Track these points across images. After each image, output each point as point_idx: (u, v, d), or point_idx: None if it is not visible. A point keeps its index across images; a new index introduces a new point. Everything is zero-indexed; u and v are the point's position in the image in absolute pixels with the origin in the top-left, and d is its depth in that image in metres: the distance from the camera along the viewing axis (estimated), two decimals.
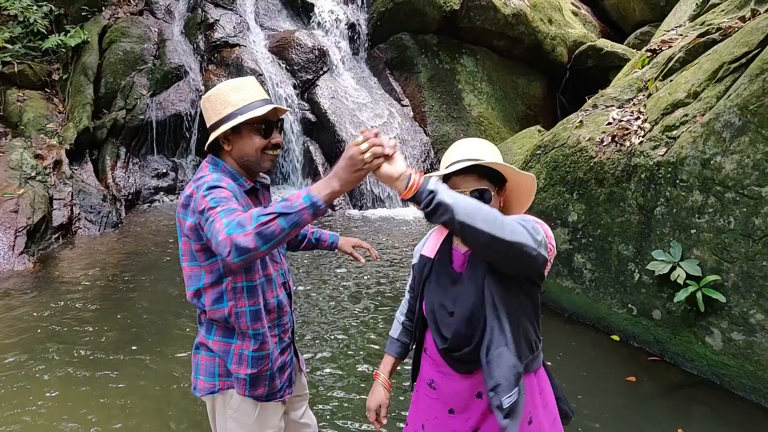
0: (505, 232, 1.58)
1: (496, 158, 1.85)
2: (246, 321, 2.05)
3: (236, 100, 2.03)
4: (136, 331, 4.76)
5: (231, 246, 1.66)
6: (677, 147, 4.11)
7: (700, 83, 4.27)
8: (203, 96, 2.13)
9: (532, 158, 5.38)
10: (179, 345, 4.47)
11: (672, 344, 4.14)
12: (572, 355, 4.36)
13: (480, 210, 1.57)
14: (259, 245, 1.65)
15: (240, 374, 2.08)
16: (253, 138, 2.05)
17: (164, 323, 4.91)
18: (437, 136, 9.75)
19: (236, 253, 1.65)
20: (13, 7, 8.67)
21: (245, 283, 2.04)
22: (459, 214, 1.54)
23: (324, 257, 6.45)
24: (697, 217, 3.95)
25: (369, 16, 10.60)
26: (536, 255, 1.66)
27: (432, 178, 1.61)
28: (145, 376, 4.08)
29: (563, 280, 4.91)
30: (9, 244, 6.22)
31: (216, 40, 9.68)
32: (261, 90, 2.13)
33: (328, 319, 4.98)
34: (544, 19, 10.74)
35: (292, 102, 9.35)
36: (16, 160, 7.08)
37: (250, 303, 2.05)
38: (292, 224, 1.66)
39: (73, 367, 4.17)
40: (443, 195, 1.55)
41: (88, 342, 4.57)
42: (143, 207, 8.50)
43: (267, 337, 2.10)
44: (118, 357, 4.33)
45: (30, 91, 8.60)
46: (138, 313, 5.12)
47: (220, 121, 2.04)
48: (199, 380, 2.15)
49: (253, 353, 2.08)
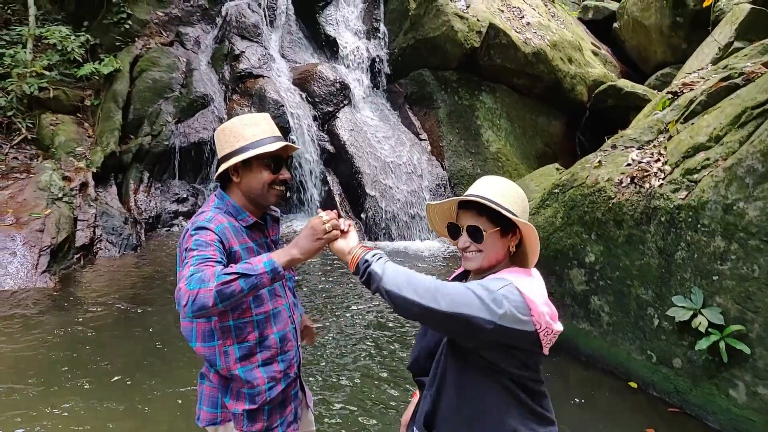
0: (441, 303, 1.54)
1: (506, 199, 1.77)
2: (235, 359, 2.05)
3: (249, 135, 2.09)
4: (147, 357, 4.79)
5: (188, 299, 1.72)
6: (698, 191, 4.10)
7: (722, 127, 4.27)
8: (218, 128, 2.18)
9: (550, 196, 5.39)
10: (187, 373, 4.47)
11: (693, 395, 4.03)
12: (589, 402, 4.27)
13: (411, 280, 1.58)
14: (216, 302, 1.72)
15: (237, 410, 2.08)
16: (262, 173, 2.10)
17: (174, 350, 4.93)
18: (454, 171, 9.81)
19: (192, 306, 1.72)
20: (53, 36, 9.01)
21: (232, 323, 2.05)
22: (387, 283, 1.58)
23: (339, 289, 6.45)
24: (719, 264, 3.90)
25: (390, 51, 10.80)
26: (491, 329, 1.54)
27: (373, 251, 1.69)
28: (151, 401, 4.09)
29: (579, 322, 4.85)
30: (33, 262, 6.33)
31: (241, 70, 9.91)
32: (274, 126, 2.18)
33: (341, 353, 4.96)
34: (564, 59, 10.85)
35: (312, 133, 9.50)
36: (45, 181, 7.26)
37: (239, 341, 2.06)
38: (251, 286, 1.76)
39: (82, 389, 4.21)
40: (375, 265, 1.63)
41: (99, 364, 4.61)
42: (162, 231, 8.62)
43: (259, 373, 2.09)
44: (127, 381, 4.36)
45: (63, 116, 8.87)
46: (150, 337, 5.16)
47: (232, 152, 2.08)
48: (202, 410, 2.16)
49: (248, 390, 2.08)
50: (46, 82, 8.71)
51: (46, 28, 9.16)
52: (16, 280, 6.14)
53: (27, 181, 7.31)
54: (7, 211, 6.74)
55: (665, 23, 10.75)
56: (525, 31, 10.74)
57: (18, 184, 7.25)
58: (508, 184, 1.85)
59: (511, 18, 10.91)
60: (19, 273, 6.20)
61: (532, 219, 5.44)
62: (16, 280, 6.14)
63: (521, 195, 1.83)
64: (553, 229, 5.15)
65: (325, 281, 6.80)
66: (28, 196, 7.01)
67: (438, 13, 10.08)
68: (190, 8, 10.70)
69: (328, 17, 10.90)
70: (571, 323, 4.88)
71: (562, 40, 11.04)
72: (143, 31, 10.12)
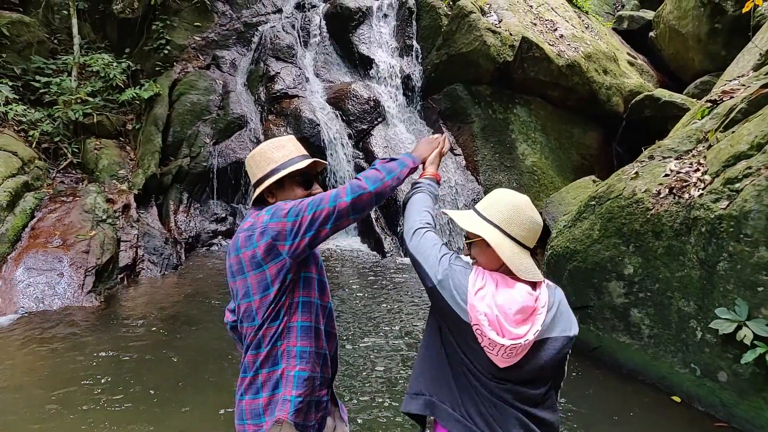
0: (410, 242, 2.01)
1: (489, 209, 1.93)
2: (296, 336, 2.11)
3: (278, 157, 2.19)
4: (185, 375, 4.86)
5: (362, 181, 2.06)
6: (740, 200, 3.98)
7: (764, 135, 4.16)
8: (247, 156, 2.28)
9: (587, 209, 5.31)
10: (226, 392, 4.51)
11: (740, 409, 3.90)
12: (630, 417, 4.15)
13: (410, 213, 2.11)
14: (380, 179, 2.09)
15: (286, 396, 2.10)
16: (295, 190, 2.19)
17: (212, 369, 4.99)
18: (489, 185, 9.74)
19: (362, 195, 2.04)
20: (97, 64, 9.43)
21: (301, 299, 2.12)
22: (406, 204, 2.18)
23: (373, 302, 6.47)
24: (764, 275, 3.77)
25: (423, 68, 10.87)
26: (429, 287, 1.89)
27: (426, 182, 2.23)
28: (190, 421, 4.13)
29: (620, 335, 4.74)
30: (79, 282, 6.55)
31: (276, 91, 10.13)
32: (300, 146, 2.28)
33: (372, 367, 4.96)
34: (599, 70, 10.71)
35: (347, 151, 9.60)
36: (90, 203, 7.54)
37: (303, 319, 2.12)
38: (402, 166, 2.18)
39: (119, 404, 4.31)
40: (415, 189, 2.22)
41: (140, 383, 4.70)
42: (201, 250, 8.81)
43: (313, 357, 2.14)
44: (166, 399, 4.43)
45: (106, 140, 9.23)
46: (190, 357, 5.23)
47: (264, 176, 2.18)
48: (246, 425, 2.16)
49: (299, 372, 2.10)
50: (90, 108, 9.09)
51: (90, 56, 9.60)
52: (64, 300, 6.37)
53: (73, 204, 7.60)
54: (54, 234, 7.02)
55: (703, 30, 10.51)
56: (558, 43, 10.66)
57: (64, 207, 7.54)
58: (501, 194, 1.96)
59: (544, 31, 10.86)
60: (66, 293, 6.44)
61: (569, 231, 5.37)
62: (63, 300, 6.37)
63: (513, 204, 1.89)
64: (591, 242, 5.06)
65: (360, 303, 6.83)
66: (74, 219, 7.29)
67: (470, 29, 10.11)
68: (226, 32, 11.04)
69: (361, 36, 11.06)
70: (611, 336, 4.77)
71: (596, 51, 10.92)
72: (181, 56, 10.48)
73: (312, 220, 2.01)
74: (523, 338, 1.75)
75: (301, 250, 2.05)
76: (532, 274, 1.84)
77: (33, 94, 9.10)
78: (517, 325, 1.76)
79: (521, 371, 1.81)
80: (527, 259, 1.86)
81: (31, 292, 6.32)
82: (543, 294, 1.84)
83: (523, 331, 1.76)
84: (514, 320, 1.76)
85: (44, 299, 6.31)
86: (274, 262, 2.07)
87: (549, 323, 1.82)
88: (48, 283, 6.46)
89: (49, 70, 9.42)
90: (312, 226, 2.01)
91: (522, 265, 1.83)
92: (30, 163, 8.00)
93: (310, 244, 2.05)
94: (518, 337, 1.75)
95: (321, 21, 11.27)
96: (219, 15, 11.17)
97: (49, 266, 6.61)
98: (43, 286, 6.42)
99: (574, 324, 1.91)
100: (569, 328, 1.88)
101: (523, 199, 1.91)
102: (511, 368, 1.80)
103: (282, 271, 2.07)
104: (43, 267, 6.59)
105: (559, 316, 1.86)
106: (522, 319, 1.77)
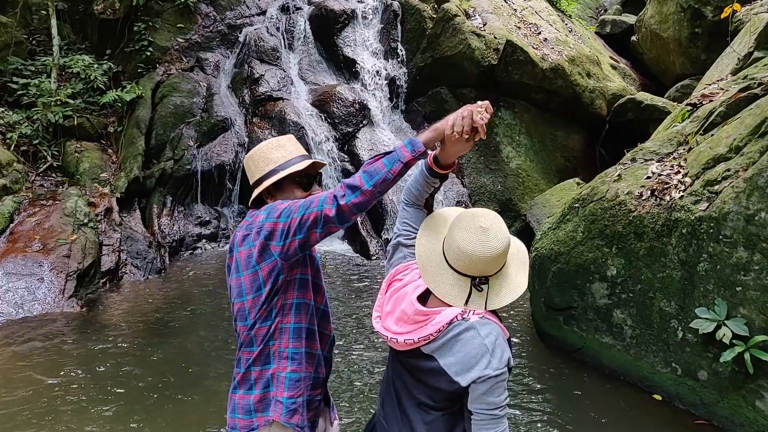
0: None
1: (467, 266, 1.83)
2: (288, 337, 2.11)
3: (277, 157, 2.16)
4: (170, 378, 4.83)
5: (343, 189, 1.92)
6: (720, 202, 4.04)
7: (742, 138, 4.22)
8: (246, 155, 2.26)
9: (570, 211, 5.35)
10: (212, 393, 4.50)
11: (720, 407, 3.96)
12: (612, 416, 4.19)
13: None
14: (366, 183, 1.91)
15: (278, 397, 2.11)
16: (294, 191, 2.17)
17: (197, 372, 4.97)
18: (474, 188, 9.79)
19: (349, 191, 1.92)
20: (77, 65, 9.30)
21: (296, 300, 2.12)
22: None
23: (357, 305, 6.46)
24: (742, 275, 3.83)
25: (408, 71, 10.88)
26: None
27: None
28: (172, 424, 4.11)
29: (602, 336, 4.78)
30: (60, 287, 6.46)
31: (260, 94, 10.08)
32: (300, 147, 2.25)
33: (365, 372, 4.95)
34: (582, 73, 10.81)
35: (333, 154, 9.58)
36: (70, 207, 7.43)
37: (296, 320, 2.12)
38: (393, 161, 1.93)
39: (104, 411, 4.26)
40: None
41: (123, 387, 4.66)
42: (186, 254, 8.72)
43: (305, 358, 2.14)
44: (149, 404, 4.39)
45: (87, 143, 9.10)
46: (173, 359, 5.20)
47: (263, 177, 2.16)
48: (237, 419, 2.17)
49: (290, 374, 2.11)
50: (71, 110, 8.95)
51: (70, 58, 9.46)
52: (44, 305, 6.27)
53: (53, 207, 7.49)
54: (34, 238, 6.92)
55: (684, 35, 10.66)
56: (542, 47, 10.75)
57: (44, 210, 7.43)
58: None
59: (528, 34, 10.94)
60: (46, 298, 6.34)
61: (553, 234, 5.40)
62: (43, 305, 6.27)
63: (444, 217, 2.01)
64: (575, 244, 5.10)
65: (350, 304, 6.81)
66: (55, 223, 7.18)
67: (455, 32, 10.15)
68: (209, 34, 10.96)
69: (346, 39, 11.05)
70: (594, 337, 4.81)
71: (580, 54, 11.02)
72: (164, 58, 10.38)
73: (300, 223, 1.98)
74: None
75: (293, 252, 2.04)
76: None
77: (11, 96, 8.94)
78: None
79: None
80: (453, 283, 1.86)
81: (11, 298, 6.22)
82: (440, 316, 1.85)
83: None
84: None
85: (24, 305, 6.21)
86: (267, 262, 2.07)
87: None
88: (28, 288, 6.35)
89: (28, 71, 9.27)
90: (301, 229, 1.99)
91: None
92: (8, 166, 7.88)
93: (301, 247, 2.03)
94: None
95: (305, 23, 11.24)
96: (202, 16, 11.08)
97: (28, 271, 6.51)
98: (22, 291, 6.31)
99: (474, 372, 1.77)
100: (462, 372, 1.80)
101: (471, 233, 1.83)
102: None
103: (274, 272, 2.07)
104: (23, 272, 6.48)
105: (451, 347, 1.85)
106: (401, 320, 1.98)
